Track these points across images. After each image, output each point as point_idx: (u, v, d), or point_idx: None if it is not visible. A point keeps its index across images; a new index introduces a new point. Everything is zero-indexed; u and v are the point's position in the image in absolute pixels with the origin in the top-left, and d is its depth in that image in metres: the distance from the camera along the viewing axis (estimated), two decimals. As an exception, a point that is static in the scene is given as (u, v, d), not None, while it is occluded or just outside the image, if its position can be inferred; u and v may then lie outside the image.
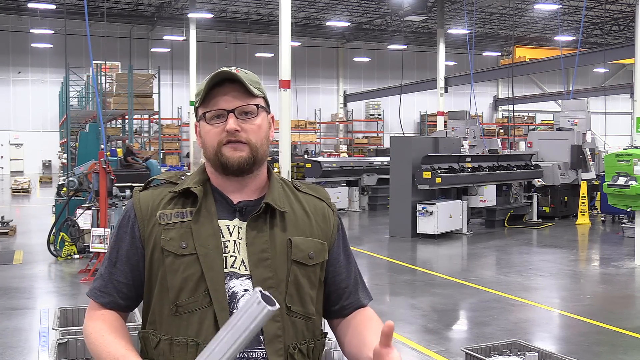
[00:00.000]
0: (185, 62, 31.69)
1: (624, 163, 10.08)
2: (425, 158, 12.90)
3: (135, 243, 1.64)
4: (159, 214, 1.62)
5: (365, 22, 36.61)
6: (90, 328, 1.63)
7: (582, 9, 26.82)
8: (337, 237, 1.74)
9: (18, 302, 7.80)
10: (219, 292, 1.56)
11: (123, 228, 1.67)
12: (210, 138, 1.61)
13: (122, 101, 18.99)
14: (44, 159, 34.54)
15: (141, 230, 1.64)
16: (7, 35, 34.18)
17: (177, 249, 1.58)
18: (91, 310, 1.68)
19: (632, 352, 6.19)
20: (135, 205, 1.66)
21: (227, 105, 1.59)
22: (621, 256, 10.97)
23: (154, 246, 1.61)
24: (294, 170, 19.80)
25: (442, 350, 6.00)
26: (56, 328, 3.69)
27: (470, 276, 9.50)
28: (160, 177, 1.72)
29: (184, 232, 1.59)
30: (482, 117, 37.26)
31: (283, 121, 17.14)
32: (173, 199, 1.64)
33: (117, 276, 1.65)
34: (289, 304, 1.59)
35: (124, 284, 1.65)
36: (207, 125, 1.61)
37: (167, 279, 1.59)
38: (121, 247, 1.66)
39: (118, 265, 1.65)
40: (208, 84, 1.59)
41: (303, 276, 1.62)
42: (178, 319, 1.57)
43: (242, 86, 1.60)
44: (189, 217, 1.61)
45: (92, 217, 9.99)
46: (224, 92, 1.59)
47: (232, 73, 1.59)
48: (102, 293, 1.66)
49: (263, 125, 1.64)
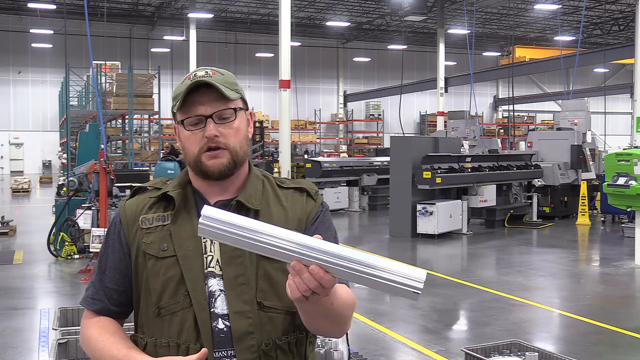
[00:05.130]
0: (185, 62, 31.69)
1: (624, 163, 10.08)
2: (425, 158, 12.90)
3: (122, 249, 1.67)
4: (141, 218, 1.65)
5: (365, 22, 36.60)
6: (88, 335, 1.65)
7: (582, 9, 26.81)
8: (313, 220, 1.68)
9: (18, 302, 7.80)
10: (198, 293, 1.57)
11: (110, 236, 1.70)
12: (191, 145, 1.62)
13: (122, 101, 18.98)
14: (44, 159, 34.55)
15: (126, 236, 1.67)
16: (7, 35, 34.18)
17: (157, 252, 1.61)
18: (86, 319, 1.70)
19: (632, 352, 6.20)
20: (121, 212, 1.70)
21: (205, 110, 1.60)
22: (621, 256, 10.96)
23: (137, 251, 1.64)
24: (294, 170, 19.79)
25: (442, 350, 6.00)
26: (56, 328, 3.68)
27: (470, 276, 9.50)
28: (146, 184, 1.75)
29: (164, 235, 1.61)
30: (482, 117, 37.25)
31: (283, 121, 17.16)
32: (155, 204, 1.67)
33: (107, 283, 1.68)
34: (260, 299, 1.58)
35: (114, 290, 1.67)
36: (185, 131, 1.62)
37: (150, 282, 1.61)
38: (109, 255, 1.68)
39: (107, 272, 1.68)
40: (185, 90, 1.59)
41: (276, 270, 1.59)
42: (161, 321, 1.59)
43: (218, 90, 1.60)
44: (169, 220, 1.63)
45: (92, 217, 9.99)
46: (201, 98, 1.60)
47: (207, 80, 1.59)
48: (94, 300, 1.68)
49: (241, 127, 1.64)
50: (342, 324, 1.56)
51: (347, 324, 1.58)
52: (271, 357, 1.57)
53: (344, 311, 1.52)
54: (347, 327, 1.59)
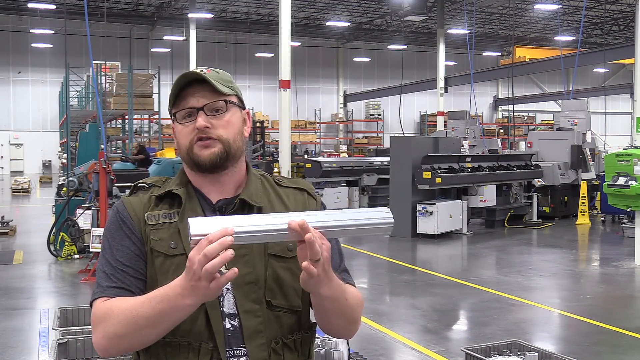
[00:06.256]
0: (185, 62, 31.70)
1: (624, 163, 10.08)
2: (425, 158, 12.90)
3: (141, 241, 1.60)
4: (147, 215, 1.63)
5: (365, 22, 36.61)
6: (109, 307, 1.52)
7: (582, 9, 26.81)
8: None
9: (18, 302, 7.80)
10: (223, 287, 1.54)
11: (120, 230, 1.62)
12: (183, 137, 1.62)
13: (122, 101, 19.00)
14: (44, 159, 34.56)
15: (140, 230, 1.61)
16: (7, 35, 34.19)
17: (167, 249, 1.58)
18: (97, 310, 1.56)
19: (632, 352, 6.20)
20: (128, 208, 1.64)
21: (196, 102, 1.60)
22: (621, 256, 10.96)
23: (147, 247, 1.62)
24: (294, 170, 19.78)
25: (442, 350, 6.00)
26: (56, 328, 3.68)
27: (470, 276, 9.50)
28: (145, 181, 1.73)
29: (173, 232, 1.60)
30: (482, 117, 37.27)
31: (283, 121, 17.16)
32: (159, 202, 1.65)
33: (133, 273, 1.58)
34: (269, 298, 1.58)
35: (138, 280, 1.58)
36: (178, 125, 1.63)
37: (159, 280, 1.56)
38: (127, 247, 1.60)
39: (128, 264, 1.58)
40: (177, 86, 1.61)
41: (284, 269, 1.60)
42: None
43: (211, 85, 1.60)
44: (176, 217, 1.61)
45: (92, 217, 9.99)
46: (193, 92, 1.61)
47: (199, 74, 1.60)
48: (113, 288, 1.57)
49: (233, 120, 1.64)
50: (355, 322, 1.64)
51: (358, 322, 1.66)
52: (280, 355, 1.58)
53: (357, 307, 1.62)
54: (358, 326, 1.67)
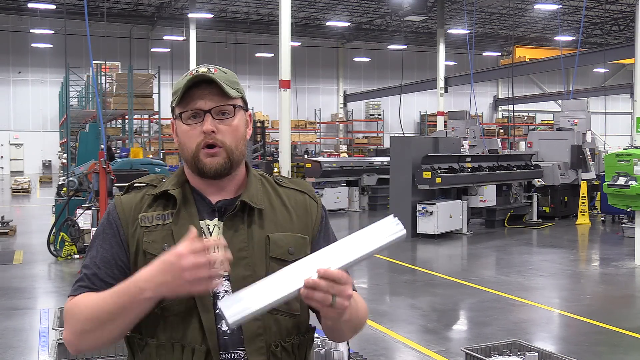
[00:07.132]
0: (185, 62, 31.70)
1: (624, 163, 10.08)
2: (425, 158, 12.90)
3: (121, 246, 1.61)
4: (140, 216, 1.61)
5: (365, 22, 36.61)
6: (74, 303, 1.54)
7: (582, 9, 26.81)
8: (319, 228, 1.72)
9: (18, 302, 7.80)
10: (202, 294, 1.52)
11: (106, 230, 1.63)
12: (188, 139, 1.60)
13: (122, 101, 19.00)
14: (44, 159, 34.56)
15: (125, 233, 1.61)
16: (7, 35, 34.19)
17: (159, 252, 1.54)
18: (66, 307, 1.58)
19: (632, 352, 6.20)
20: (118, 208, 1.64)
21: (204, 105, 1.59)
22: (621, 256, 10.97)
23: (136, 249, 1.60)
24: (294, 170, 19.80)
25: (442, 350, 6.00)
26: (56, 328, 3.68)
27: (470, 276, 9.50)
28: (141, 180, 1.71)
29: (166, 235, 1.58)
30: (482, 117, 37.26)
31: (283, 121, 17.16)
32: (154, 202, 1.64)
33: (104, 277, 1.59)
34: None
35: (111, 285, 1.56)
36: (183, 125, 1.61)
37: None
38: (107, 249, 1.61)
39: (102, 267, 1.59)
40: (185, 84, 1.59)
41: None
42: (163, 321, 1.56)
43: (219, 87, 1.59)
44: (170, 219, 1.60)
45: (92, 217, 9.98)
46: (201, 92, 1.59)
47: (209, 76, 1.58)
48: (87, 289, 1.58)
49: (239, 126, 1.63)
50: (360, 327, 1.66)
51: (362, 327, 1.69)
52: (278, 358, 1.58)
53: (365, 316, 1.66)
54: (361, 330, 1.69)
